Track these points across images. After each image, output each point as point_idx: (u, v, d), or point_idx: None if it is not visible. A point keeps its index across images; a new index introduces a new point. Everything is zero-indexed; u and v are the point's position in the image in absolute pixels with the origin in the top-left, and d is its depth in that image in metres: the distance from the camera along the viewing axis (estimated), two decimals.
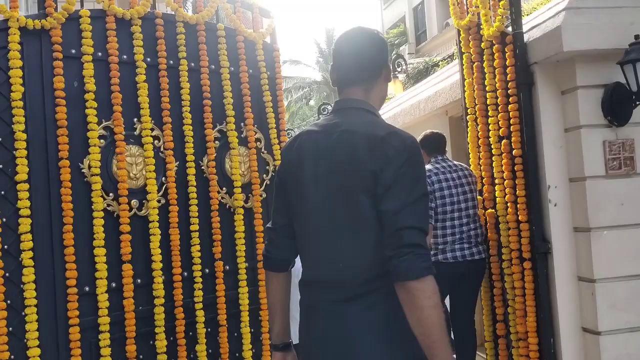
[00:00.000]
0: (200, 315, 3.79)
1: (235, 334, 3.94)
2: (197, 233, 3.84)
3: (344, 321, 1.74)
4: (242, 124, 4.17)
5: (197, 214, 3.84)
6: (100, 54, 3.56)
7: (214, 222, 3.90)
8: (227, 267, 3.95)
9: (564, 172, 3.63)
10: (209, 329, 3.84)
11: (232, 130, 4.07)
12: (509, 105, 3.75)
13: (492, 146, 3.96)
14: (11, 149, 3.18)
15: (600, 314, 3.41)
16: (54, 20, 3.36)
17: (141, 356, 3.53)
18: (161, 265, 3.62)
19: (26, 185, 3.18)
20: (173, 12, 3.92)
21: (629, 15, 3.43)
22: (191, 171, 3.85)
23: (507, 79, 3.74)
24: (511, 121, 3.73)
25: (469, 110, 4.23)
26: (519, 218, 3.72)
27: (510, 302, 3.84)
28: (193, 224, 3.82)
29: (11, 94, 3.19)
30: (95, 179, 3.44)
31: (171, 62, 3.87)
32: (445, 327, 1.65)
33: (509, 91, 3.74)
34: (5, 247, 3.12)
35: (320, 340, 1.81)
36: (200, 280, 3.82)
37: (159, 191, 3.73)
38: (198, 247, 3.83)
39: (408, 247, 1.61)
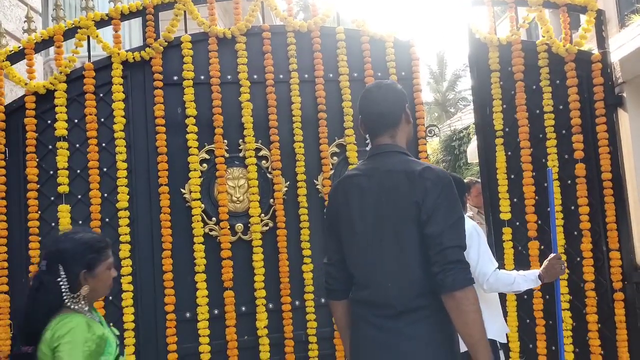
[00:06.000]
0: (314, 350, 3.47)
1: None
2: (310, 258, 3.53)
3: (393, 333, 1.96)
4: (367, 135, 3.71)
5: (308, 237, 3.53)
6: (202, 77, 3.53)
7: None
8: None
9: None
10: None
11: (351, 143, 3.65)
12: (597, 127, 3.53)
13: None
14: (115, 178, 3.33)
15: None
16: (153, 50, 3.43)
17: None
18: (264, 293, 3.41)
19: (126, 213, 3.30)
20: (283, 23, 3.70)
21: None
22: (302, 191, 3.56)
23: (594, 98, 3.55)
24: (599, 143, 3.51)
25: None
26: (609, 246, 3.44)
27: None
28: (305, 249, 3.53)
29: (114, 125, 3.35)
30: (195, 203, 3.41)
31: (281, 76, 3.65)
32: (485, 328, 1.88)
33: (596, 111, 3.54)
34: None
35: (371, 348, 2.01)
36: (313, 310, 3.50)
37: (266, 213, 3.54)
38: (311, 275, 3.52)
39: (452, 263, 1.86)
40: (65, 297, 1.92)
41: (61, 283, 1.92)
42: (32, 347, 1.90)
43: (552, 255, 2.82)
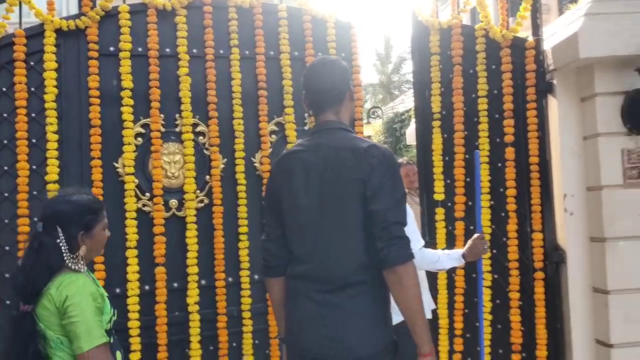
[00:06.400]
0: (248, 325, 3.49)
1: None
2: (246, 235, 3.53)
3: (333, 307, 2.00)
4: (306, 115, 3.72)
5: (246, 214, 3.53)
6: (140, 49, 3.46)
7: None
8: None
9: (582, 180, 3.47)
10: (256, 341, 3.51)
11: (290, 122, 3.65)
12: (528, 112, 3.60)
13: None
14: (44, 150, 3.25)
15: (613, 326, 3.29)
16: (88, 19, 3.35)
17: None
18: (197, 269, 3.40)
19: (56, 186, 3.22)
20: None
21: None
22: (239, 168, 3.55)
23: (527, 84, 3.61)
24: (529, 127, 3.59)
25: None
26: (533, 227, 3.55)
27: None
28: (242, 226, 3.52)
29: (45, 95, 3.25)
30: (128, 178, 3.36)
31: (221, 51, 3.61)
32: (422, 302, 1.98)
33: (527, 97, 3.61)
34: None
35: (311, 323, 2.04)
36: (248, 287, 3.51)
37: (202, 190, 3.51)
38: (247, 251, 3.52)
39: (395, 239, 1.93)
40: (65, 258, 2.01)
41: (61, 244, 2.01)
42: (31, 306, 1.98)
43: (476, 235, 2.92)
